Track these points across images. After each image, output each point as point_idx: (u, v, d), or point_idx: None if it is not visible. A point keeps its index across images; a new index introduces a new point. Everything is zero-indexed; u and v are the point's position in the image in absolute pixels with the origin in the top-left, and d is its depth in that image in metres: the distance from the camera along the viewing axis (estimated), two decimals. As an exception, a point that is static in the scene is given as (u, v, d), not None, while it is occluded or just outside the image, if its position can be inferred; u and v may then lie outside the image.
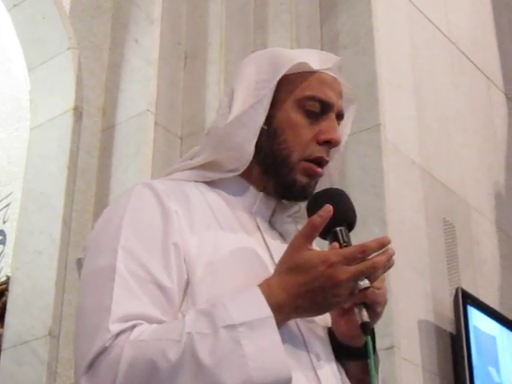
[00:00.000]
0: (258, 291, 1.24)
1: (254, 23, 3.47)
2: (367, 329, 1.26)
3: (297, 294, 1.24)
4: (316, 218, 1.27)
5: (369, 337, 1.25)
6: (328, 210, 1.27)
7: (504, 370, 3.21)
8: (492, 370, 3.14)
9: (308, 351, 1.32)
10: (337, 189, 1.37)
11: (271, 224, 1.47)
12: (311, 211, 1.31)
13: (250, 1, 3.52)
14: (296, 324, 1.33)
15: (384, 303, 1.32)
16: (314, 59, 1.48)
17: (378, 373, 1.35)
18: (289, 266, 1.26)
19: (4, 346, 2.95)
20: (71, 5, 3.37)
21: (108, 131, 3.25)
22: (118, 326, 1.20)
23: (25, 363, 2.85)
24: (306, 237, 1.26)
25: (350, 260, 1.23)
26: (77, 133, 3.18)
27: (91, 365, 1.19)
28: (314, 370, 1.32)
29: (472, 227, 3.49)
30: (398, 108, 3.23)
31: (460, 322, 3.02)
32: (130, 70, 3.30)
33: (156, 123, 3.17)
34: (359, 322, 1.27)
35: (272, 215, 1.47)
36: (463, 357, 2.97)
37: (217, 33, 3.41)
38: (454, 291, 3.12)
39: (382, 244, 1.26)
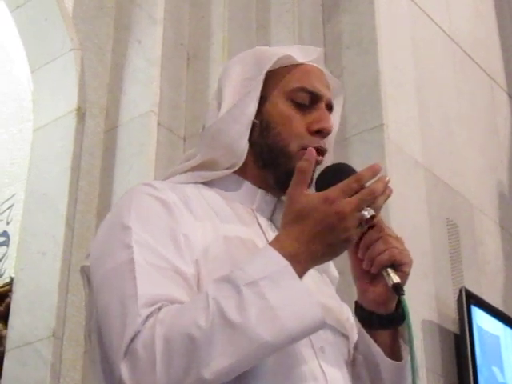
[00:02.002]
0: (269, 247, 1.24)
1: (256, 23, 3.47)
2: (400, 289, 1.28)
3: (308, 240, 1.23)
4: (302, 162, 1.28)
5: (403, 296, 1.27)
6: (311, 152, 1.29)
7: (508, 370, 3.20)
8: (496, 369, 3.14)
9: (312, 343, 1.33)
10: (341, 163, 1.38)
11: (272, 222, 1.48)
12: (321, 187, 1.32)
13: (253, 1, 3.52)
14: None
15: (410, 263, 1.34)
16: (298, 52, 1.50)
17: None
18: (292, 216, 1.26)
19: (8, 346, 2.96)
20: (74, 6, 3.37)
21: (111, 132, 3.25)
22: (146, 309, 1.21)
23: (28, 364, 2.86)
24: (299, 184, 1.27)
25: (347, 192, 1.24)
26: (80, 134, 3.18)
27: (127, 351, 1.19)
28: (319, 362, 1.32)
29: (475, 227, 3.48)
30: (400, 108, 3.23)
31: (464, 321, 3.02)
32: (132, 70, 3.30)
33: (159, 124, 3.17)
34: (390, 284, 1.28)
35: (273, 214, 1.48)
36: (467, 357, 2.97)
37: (219, 33, 3.41)
38: (457, 291, 3.11)
39: (374, 170, 1.28)
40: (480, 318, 3.11)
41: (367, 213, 1.25)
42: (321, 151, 1.46)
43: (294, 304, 1.19)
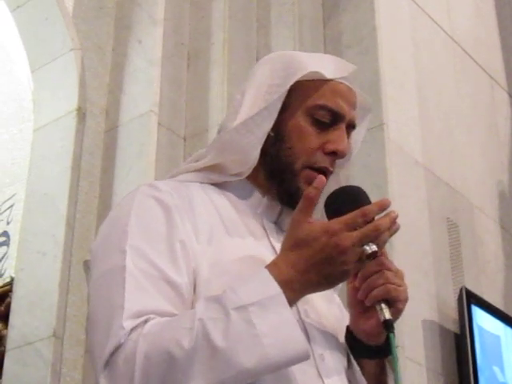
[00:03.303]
0: (266, 271, 1.23)
1: (256, 23, 3.47)
2: (390, 326, 1.26)
3: (304, 269, 1.23)
4: (310, 189, 1.26)
5: (392, 334, 1.25)
6: (321, 180, 1.27)
7: (508, 370, 3.20)
8: (496, 369, 3.14)
9: (312, 350, 1.31)
10: (354, 186, 1.35)
11: (278, 225, 1.47)
12: (330, 209, 1.31)
13: (253, 1, 3.52)
14: (302, 322, 1.33)
15: (405, 300, 1.32)
16: (330, 67, 1.46)
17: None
18: (292, 242, 1.25)
19: (8, 346, 2.96)
20: (74, 6, 3.37)
21: (111, 132, 3.25)
22: (131, 322, 1.21)
23: (29, 364, 2.85)
24: (304, 211, 1.26)
25: (351, 225, 1.23)
26: (80, 134, 3.18)
27: (108, 362, 1.20)
28: (318, 371, 1.31)
29: (476, 227, 3.48)
30: (401, 107, 3.23)
31: (464, 321, 3.02)
32: (133, 70, 3.30)
33: (159, 124, 3.17)
34: (381, 320, 1.27)
35: (279, 216, 1.47)
36: (467, 356, 2.97)
37: (220, 33, 3.40)
38: (457, 291, 3.11)
39: (382, 205, 1.26)
40: (480, 317, 3.11)
41: (369, 248, 1.23)
42: (326, 172, 1.43)
43: (280, 334, 1.17)
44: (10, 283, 3.15)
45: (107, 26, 3.45)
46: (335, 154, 1.43)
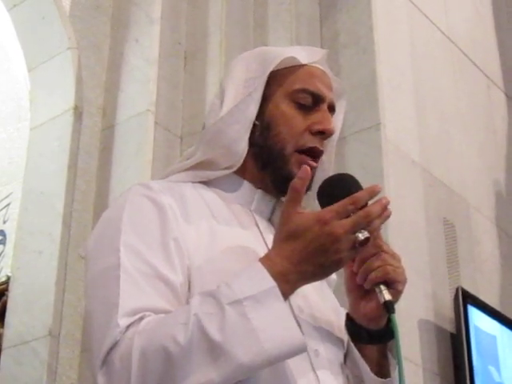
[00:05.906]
0: (259, 265, 1.23)
1: (253, 23, 3.47)
2: (391, 307, 1.26)
3: (299, 260, 1.23)
4: (296, 181, 1.27)
5: (393, 315, 1.25)
6: (305, 170, 1.27)
7: (504, 370, 3.21)
8: (492, 369, 3.14)
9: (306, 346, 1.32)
10: (346, 174, 1.36)
11: (271, 223, 1.47)
12: (322, 198, 1.31)
13: (250, 0, 3.52)
14: (296, 318, 1.33)
15: (404, 281, 1.33)
16: (302, 54, 1.49)
17: None
18: (284, 234, 1.25)
19: (4, 345, 2.96)
20: (71, 5, 3.37)
21: (108, 131, 3.25)
22: (126, 319, 1.21)
23: (25, 363, 2.85)
24: (293, 202, 1.26)
25: (342, 213, 1.23)
26: (77, 132, 3.17)
27: (105, 360, 1.20)
28: (312, 367, 1.32)
29: (472, 226, 3.49)
30: (398, 107, 3.23)
31: (460, 321, 3.02)
32: (130, 69, 3.29)
33: (156, 123, 3.17)
34: (381, 302, 1.27)
35: (272, 214, 1.47)
36: (463, 356, 2.97)
37: (217, 32, 3.40)
38: (454, 290, 3.12)
39: (372, 192, 1.26)
40: (476, 317, 3.12)
41: (361, 235, 1.23)
42: (316, 152, 1.45)
43: (276, 327, 1.18)
44: (7, 282, 3.15)
45: (104, 25, 3.44)
46: (323, 133, 1.45)
